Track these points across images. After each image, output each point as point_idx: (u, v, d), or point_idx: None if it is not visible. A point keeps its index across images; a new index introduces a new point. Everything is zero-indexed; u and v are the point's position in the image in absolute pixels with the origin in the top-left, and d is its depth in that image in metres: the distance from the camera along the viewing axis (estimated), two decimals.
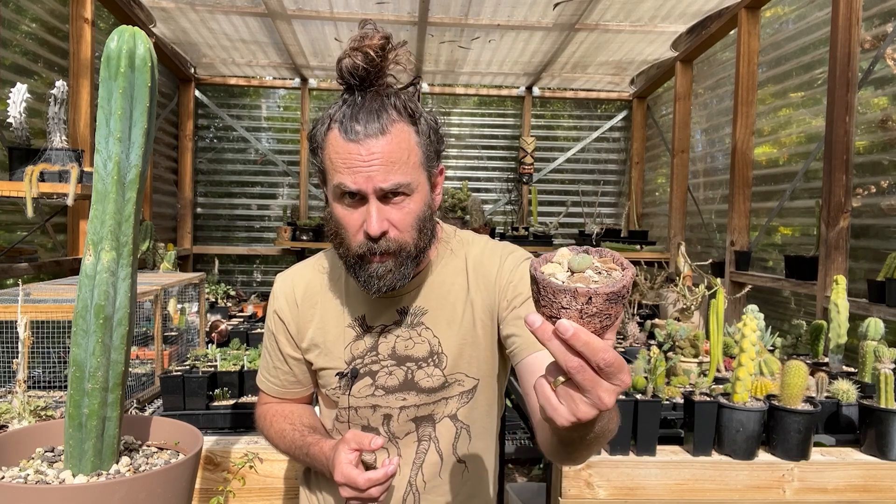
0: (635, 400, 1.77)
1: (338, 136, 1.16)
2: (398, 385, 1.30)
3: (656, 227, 5.68)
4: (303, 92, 5.79)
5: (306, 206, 5.84)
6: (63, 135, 2.70)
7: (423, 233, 1.21)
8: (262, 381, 1.46)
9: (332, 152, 1.17)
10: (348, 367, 1.32)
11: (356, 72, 1.15)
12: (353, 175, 1.14)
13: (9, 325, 1.97)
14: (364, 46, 1.13)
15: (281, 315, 1.37)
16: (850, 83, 2.90)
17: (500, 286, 1.29)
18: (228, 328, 3.25)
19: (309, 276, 1.39)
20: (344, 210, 1.19)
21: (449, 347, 1.29)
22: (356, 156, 1.14)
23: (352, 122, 1.14)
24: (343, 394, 1.32)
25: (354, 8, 4.15)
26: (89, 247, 1.02)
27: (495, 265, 1.31)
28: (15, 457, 1.08)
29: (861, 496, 1.76)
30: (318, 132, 1.21)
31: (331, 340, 1.33)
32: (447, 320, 1.30)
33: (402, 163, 1.16)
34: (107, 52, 1.01)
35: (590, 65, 5.30)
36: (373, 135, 1.13)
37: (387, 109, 1.15)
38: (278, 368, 1.41)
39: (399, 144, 1.15)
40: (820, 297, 3.02)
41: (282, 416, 1.39)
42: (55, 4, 3.56)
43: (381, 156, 1.13)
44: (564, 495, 1.73)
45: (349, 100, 1.18)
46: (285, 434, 1.35)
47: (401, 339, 1.31)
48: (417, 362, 1.30)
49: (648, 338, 3.13)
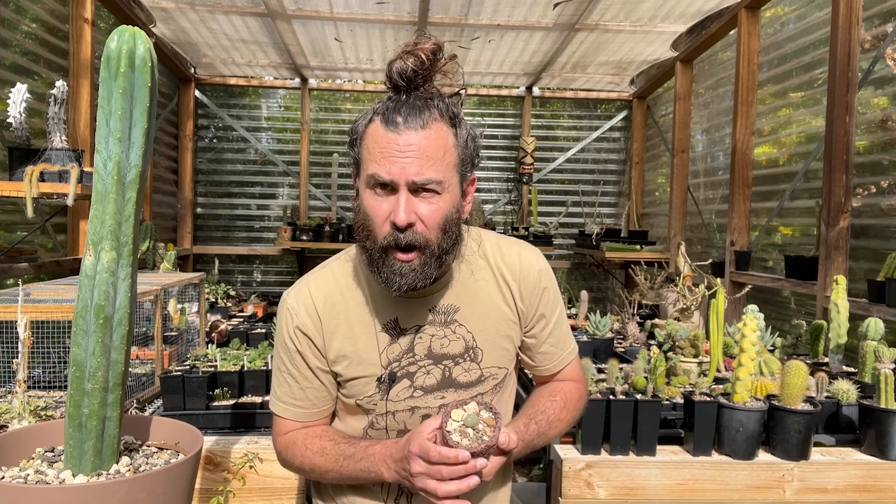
0: (635, 400, 1.77)
1: (378, 126, 1.19)
2: (436, 384, 1.32)
3: (656, 227, 5.68)
4: (303, 92, 5.79)
5: (306, 206, 5.84)
6: (63, 135, 2.70)
7: (448, 234, 1.22)
8: (284, 410, 1.35)
9: (370, 141, 1.20)
10: (385, 372, 1.30)
11: (405, 73, 1.18)
12: (388, 164, 1.16)
13: (9, 325, 1.98)
14: (416, 50, 1.17)
15: (305, 330, 1.31)
16: (850, 83, 2.90)
17: (525, 294, 1.36)
18: (228, 328, 3.25)
19: (325, 287, 1.34)
20: (373, 200, 1.20)
21: (483, 342, 1.33)
22: (393, 144, 1.16)
23: (393, 114, 1.17)
24: (381, 399, 1.31)
25: (354, 8, 4.15)
26: (89, 247, 1.02)
27: (515, 269, 1.36)
28: (15, 457, 1.08)
29: (861, 496, 1.76)
30: (359, 125, 1.24)
31: (362, 348, 1.31)
32: (479, 316, 1.33)
33: (438, 160, 1.17)
34: (107, 52, 1.01)
35: (590, 65, 5.30)
36: (412, 127, 1.16)
37: (429, 108, 1.19)
38: (307, 388, 1.34)
39: (436, 141, 1.18)
40: (820, 297, 3.02)
41: (316, 436, 1.33)
42: (55, 4, 3.56)
43: (417, 148, 1.16)
44: (564, 495, 1.73)
45: (394, 97, 1.21)
46: (327, 451, 1.28)
47: (436, 338, 1.32)
48: (454, 359, 1.32)
49: (648, 338, 3.13)
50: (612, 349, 2.91)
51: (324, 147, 5.92)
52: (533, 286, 1.36)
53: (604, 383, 1.96)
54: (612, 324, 3.34)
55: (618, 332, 3.30)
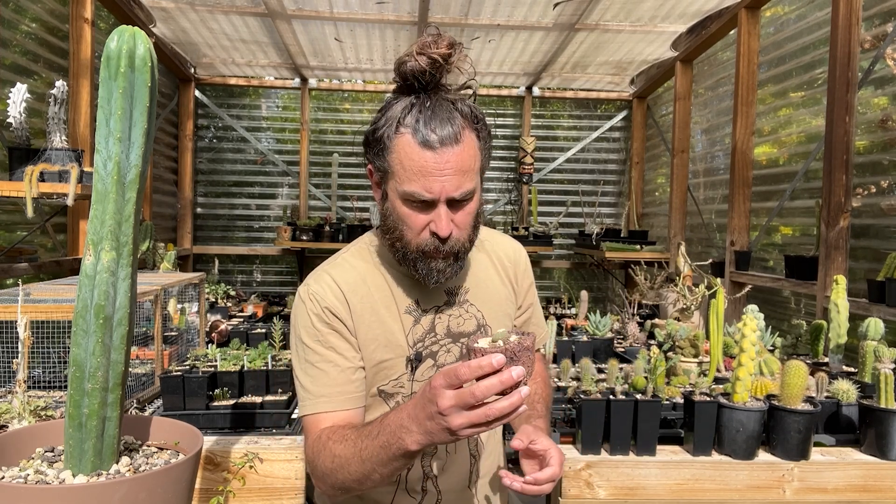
0: (635, 400, 1.77)
1: (411, 142, 1.19)
2: (455, 361, 1.36)
3: (656, 227, 5.68)
4: (303, 92, 5.79)
5: (306, 206, 5.84)
6: (63, 135, 2.70)
7: (476, 228, 1.31)
8: (327, 402, 1.27)
9: (404, 158, 1.20)
10: (413, 352, 1.34)
11: (422, 76, 1.19)
12: (428, 183, 1.19)
13: (9, 325, 1.98)
14: (431, 52, 1.17)
15: (335, 311, 1.29)
16: (850, 83, 2.90)
17: (518, 276, 1.50)
18: (228, 328, 3.25)
19: (345, 274, 1.34)
20: (409, 210, 1.24)
21: (491, 320, 1.42)
22: (432, 164, 1.18)
23: (427, 130, 1.18)
24: (409, 380, 1.34)
25: (354, 8, 4.15)
26: (89, 247, 1.02)
27: (510, 254, 1.50)
28: (15, 457, 1.08)
29: (861, 496, 1.76)
30: (383, 134, 1.22)
31: (389, 331, 1.33)
32: (485, 296, 1.43)
33: (470, 170, 1.22)
34: (107, 52, 1.01)
35: (590, 65, 5.30)
36: (448, 144, 1.18)
37: (456, 118, 1.20)
38: (348, 369, 1.29)
39: (469, 153, 1.21)
40: (820, 297, 3.02)
41: (341, 427, 1.24)
42: (55, 4, 3.56)
43: (454, 165, 1.19)
44: (564, 495, 1.73)
45: (417, 104, 1.21)
46: (348, 437, 1.18)
47: (453, 318, 1.38)
48: (469, 336, 1.37)
49: (648, 338, 3.13)
50: (612, 349, 2.91)
51: (324, 147, 5.92)
52: (524, 269, 1.51)
53: (604, 383, 1.96)
54: (612, 324, 3.34)
55: (618, 332, 3.30)
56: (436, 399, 0.97)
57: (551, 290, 6.08)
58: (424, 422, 1.01)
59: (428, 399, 1.00)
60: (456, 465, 1.39)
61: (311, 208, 5.90)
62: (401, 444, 1.05)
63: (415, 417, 1.03)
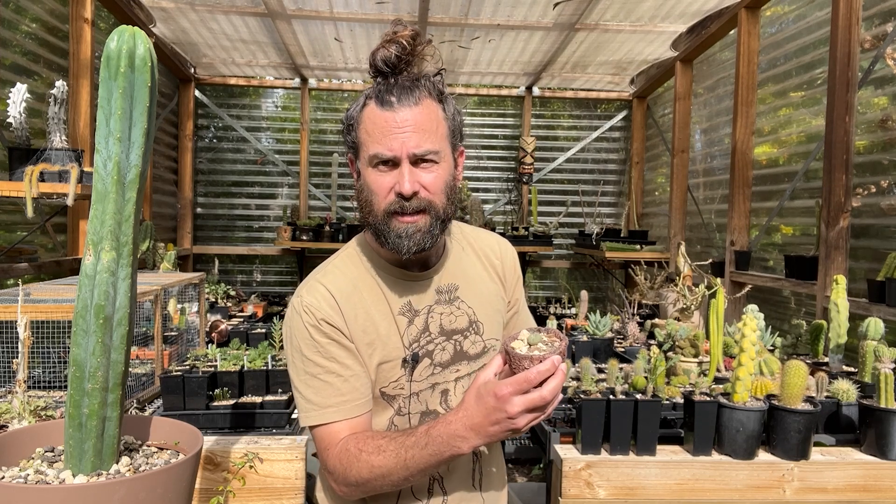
0: (635, 400, 1.77)
1: (373, 107, 1.27)
2: (451, 358, 1.39)
3: (656, 227, 5.68)
4: (303, 92, 5.79)
5: (306, 206, 5.84)
6: (63, 135, 2.70)
7: (451, 200, 1.32)
8: (334, 412, 1.29)
9: (368, 123, 1.28)
10: (409, 352, 1.35)
11: (389, 60, 1.27)
12: (389, 141, 1.25)
13: (9, 325, 1.98)
14: (397, 37, 1.25)
15: (331, 321, 1.31)
16: (850, 83, 2.90)
17: (507, 272, 1.52)
18: (228, 328, 3.25)
19: (336, 281, 1.35)
20: (376, 175, 1.28)
21: (481, 316, 1.44)
22: (391, 122, 1.25)
23: (386, 95, 1.26)
24: (407, 381, 1.36)
25: (354, 8, 4.15)
26: (89, 247, 1.02)
27: (496, 249, 1.52)
28: (15, 457, 1.08)
29: (861, 496, 1.76)
30: (352, 111, 1.32)
31: (384, 333, 1.34)
32: (474, 292, 1.45)
33: (432, 132, 1.27)
34: (107, 52, 1.01)
35: (590, 65, 5.30)
36: (406, 104, 1.25)
37: (418, 87, 1.28)
38: (352, 378, 1.30)
39: (429, 115, 1.27)
40: (820, 296, 3.01)
41: (369, 437, 1.26)
42: (55, 4, 3.56)
43: (413, 123, 1.25)
44: (564, 495, 1.73)
45: (382, 81, 1.29)
46: (384, 448, 1.22)
47: (445, 315, 1.40)
48: (462, 333, 1.41)
49: (648, 338, 3.13)
50: (612, 349, 2.91)
51: (323, 147, 5.92)
52: (511, 265, 1.53)
53: (604, 383, 1.96)
54: (612, 324, 3.34)
55: (618, 332, 3.30)
56: (504, 407, 1.09)
57: (551, 290, 6.07)
58: (488, 428, 1.12)
59: (493, 408, 1.10)
60: (461, 464, 1.40)
61: (310, 208, 5.90)
62: (455, 451, 1.16)
63: (474, 426, 1.13)
